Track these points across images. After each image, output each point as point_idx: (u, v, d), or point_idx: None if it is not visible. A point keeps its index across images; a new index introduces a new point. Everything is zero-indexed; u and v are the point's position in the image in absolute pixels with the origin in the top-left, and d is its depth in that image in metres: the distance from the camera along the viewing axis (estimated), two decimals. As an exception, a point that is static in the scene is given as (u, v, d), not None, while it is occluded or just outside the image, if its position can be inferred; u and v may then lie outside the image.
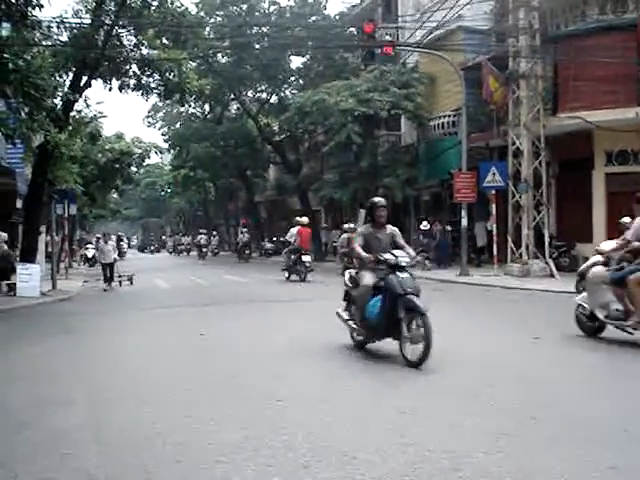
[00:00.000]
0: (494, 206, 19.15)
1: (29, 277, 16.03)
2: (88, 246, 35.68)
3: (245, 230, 38.04)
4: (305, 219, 21.54)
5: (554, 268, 17.84)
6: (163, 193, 66.44)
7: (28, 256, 17.70)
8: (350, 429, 4.74)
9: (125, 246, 51.59)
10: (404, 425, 4.80)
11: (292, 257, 20.02)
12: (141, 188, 67.38)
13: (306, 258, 19.61)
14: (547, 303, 13.12)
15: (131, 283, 20.46)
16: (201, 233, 44.48)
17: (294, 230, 21.00)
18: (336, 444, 4.39)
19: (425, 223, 23.02)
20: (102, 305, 15.37)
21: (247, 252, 35.53)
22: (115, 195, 46.68)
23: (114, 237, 51.06)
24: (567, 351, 7.74)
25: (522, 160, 18.60)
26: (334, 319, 8.18)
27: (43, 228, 21.33)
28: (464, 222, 19.35)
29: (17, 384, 6.70)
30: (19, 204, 21.63)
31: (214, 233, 47.49)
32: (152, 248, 62.85)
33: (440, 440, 4.43)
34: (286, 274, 20.16)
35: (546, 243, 18.25)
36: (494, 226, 19.12)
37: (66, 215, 21.41)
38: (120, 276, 20.34)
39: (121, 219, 70.47)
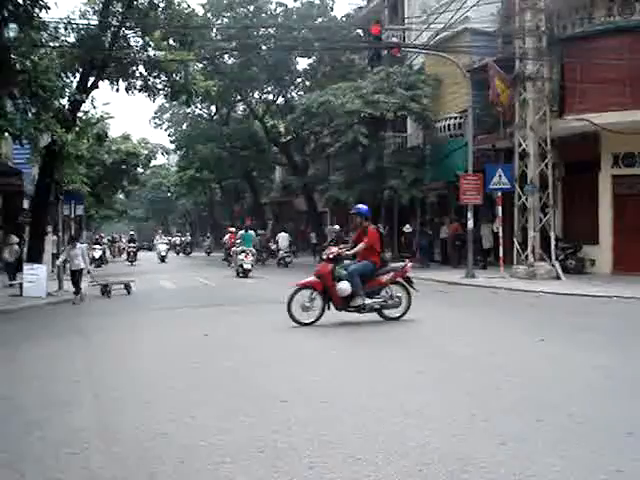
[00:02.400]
0: (500, 208, 19.11)
1: (35, 277, 16.07)
2: (95, 246, 35.76)
3: (179, 233, 53.58)
4: (233, 229, 32.75)
5: (560, 270, 17.79)
6: (169, 194, 66.62)
7: (35, 256, 17.76)
8: (355, 430, 4.74)
9: (163, 248, 38.23)
10: (410, 427, 4.79)
11: (227, 252, 31.26)
12: (147, 189, 67.56)
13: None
14: (553, 305, 13.09)
15: (128, 292, 17.48)
16: (176, 235, 58.26)
17: (227, 236, 32.63)
18: (341, 445, 4.40)
19: (408, 226, 26.45)
20: (108, 306, 15.39)
21: (187, 250, 47.38)
22: (121, 196, 46.81)
23: (109, 238, 49.81)
24: (573, 353, 7.72)
25: (528, 162, 18.55)
26: (336, 320, 8.17)
27: (50, 228, 21.41)
28: (470, 224, 19.33)
29: (26, 384, 6.73)
30: (26, 204, 21.72)
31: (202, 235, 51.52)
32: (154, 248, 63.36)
33: (446, 442, 4.43)
34: (226, 263, 30.35)
35: (552, 245, 18.19)
36: (500, 228, 19.08)
37: (73, 215, 21.48)
38: (108, 284, 17.32)
39: (127, 220, 70.64)
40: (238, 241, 24.50)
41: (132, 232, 43.80)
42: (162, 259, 36.73)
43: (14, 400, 6.04)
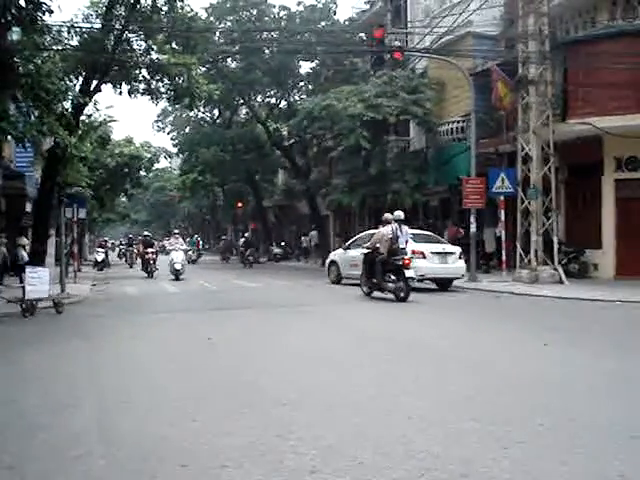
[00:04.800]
0: (503, 212, 19.11)
1: (38, 280, 16.02)
2: (98, 249, 35.80)
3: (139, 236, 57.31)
4: (197, 236, 45.10)
5: (563, 274, 17.78)
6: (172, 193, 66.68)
7: (37, 259, 17.75)
8: (358, 434, 4.72)
9: (180, 259, 24.20)
10: (412, 431, 4.77)
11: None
12: (150, 192, 67.63)
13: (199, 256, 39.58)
14: (556, 309, 13.07)
15: (57, 311, 13.86)
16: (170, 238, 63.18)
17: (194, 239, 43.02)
18: (343, 449, 4.38)
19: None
20: (111, 308, 15.38)
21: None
22: (124, 199, 46.83)
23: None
24: (576, 357, 7.70)
25: (531, 166, 18.55)
26: (336, 322, 8.16)
27: (52, 231, 21.42)
28: (473, 228, 19.33)
29: (30, 387, 6.72)
30: (29, 207, 21.75)
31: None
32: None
33: (448, 446, 4.41)
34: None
35: (555, 249, 18.18)
36: (503, 232, 19.07)
37: (75, 219, 21.49)
38: (24, 301, 13.65)
39: (130, 223, 70.73)
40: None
41: (147, 233, 32.20)
42: (176, 275, 23.88)
43: (17, 403, 6.03)
